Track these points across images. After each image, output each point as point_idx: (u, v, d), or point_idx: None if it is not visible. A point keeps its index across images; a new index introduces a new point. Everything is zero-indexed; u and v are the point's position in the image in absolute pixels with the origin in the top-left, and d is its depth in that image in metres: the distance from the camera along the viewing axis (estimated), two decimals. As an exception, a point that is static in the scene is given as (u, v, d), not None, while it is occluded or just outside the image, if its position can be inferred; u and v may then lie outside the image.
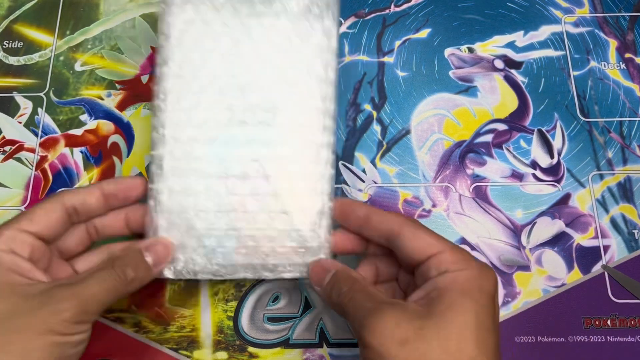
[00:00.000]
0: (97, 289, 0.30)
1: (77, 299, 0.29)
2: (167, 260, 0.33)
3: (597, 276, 0.39)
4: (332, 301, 0.32)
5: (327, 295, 0.32)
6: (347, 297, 0.30)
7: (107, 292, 0.30)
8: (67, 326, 0.28)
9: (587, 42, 0.46)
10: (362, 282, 0.31)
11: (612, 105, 0.44)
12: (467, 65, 0.46)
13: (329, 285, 0.32)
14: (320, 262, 0.34)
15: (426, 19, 0.47)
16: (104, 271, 0.30)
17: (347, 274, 0.32)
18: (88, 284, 0.29)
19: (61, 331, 0.28)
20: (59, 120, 0.44)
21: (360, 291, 0.30)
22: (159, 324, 0.39)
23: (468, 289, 0.29)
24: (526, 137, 0.43)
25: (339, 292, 0.31)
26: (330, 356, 0.38)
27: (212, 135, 0.34)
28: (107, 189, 0.34)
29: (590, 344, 0.38)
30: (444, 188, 0.42)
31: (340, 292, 0.31)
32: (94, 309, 0.29)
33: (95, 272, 0.30)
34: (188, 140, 0.34)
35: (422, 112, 0.44)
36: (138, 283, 0.31)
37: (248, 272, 0.34)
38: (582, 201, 0.41)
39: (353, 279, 0.31)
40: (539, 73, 0.45)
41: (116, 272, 0.30)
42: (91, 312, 0.29)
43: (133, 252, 0.32)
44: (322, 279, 0.32)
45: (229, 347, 0.38)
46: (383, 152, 0.43)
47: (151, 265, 0.32)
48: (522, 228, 0.41)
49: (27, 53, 0.47)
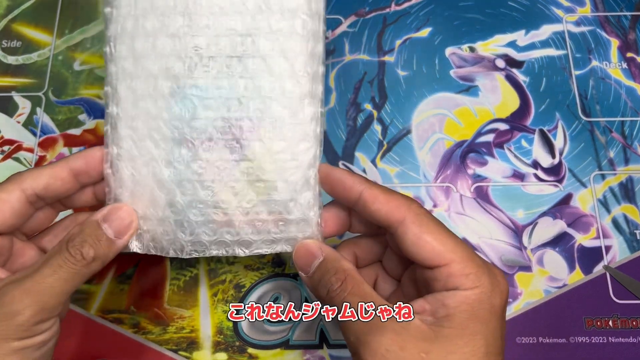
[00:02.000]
0: (53, 279, 0.26)
1: (32, 296, 0.25)
2: (131, 229, 0.29)
3: (599, 277, 0.39)
4: (320, 296, 0.28)
5: (314, 287, 0.29)
6: (340, 298, 0.27)
7: (65, 281, 0.26)
8: (26, 330, 0.25)
9: (588, 41, 0.46)
10: (356, 278, 0.28)
11: (614, 104, 0.44)
12: (468, 65, 0.45)
13: (317, 275, 0.28)
14: (305, 244, 0.29)
15: (427, 18, 0.47)
16: (59, 256, 0.26)
17: (337, 263, 0.28)
18: (43, 274, 0.26)
19: (19, 336, 0.25)
20: (58, 120, 0.44)
21: (355, 294, 0.27)
22: (158, 324, 0.38)
23: (478, 311, 0.26)
24: (527, 137, 0.43)
25: (328, 287, 0.27)
26: (331, 357, 0.38)
27: (169, 88, 0.29)
28: (75, 166, 0.29)
29: (592, 344, 0.37)
30: (445, 188, 0.42)
31: (331, 289, 0.27)
32: (53, 303, 0.26)
33: (49, 259, 0.26)
34: (142, 95, 0.29)
35: (422, 112, 0.44)
36: (101, 261, 0.27)
37: (220, 248, 0.30)
38: (583, 201, 0.41)
39: (345, 272, 0.28)
40: (541, 72, 0.45)
41: (72, 255, 0.26)
42: (51, 307, 0.26)
43: (90, 227, 0.28)
44: (308, 266, 0.29)
45: (229, 348, 0.38)
46: (384, 152, 0.43)
47: (112, 237, 0.28)
48: (523, 228, 0.41)
49: (25, 52, 0.46)
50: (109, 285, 0.39)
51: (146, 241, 0.30)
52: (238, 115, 0.29)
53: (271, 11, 0.29)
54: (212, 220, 0.30)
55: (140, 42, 0.29)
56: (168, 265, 0.40)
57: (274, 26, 0.29)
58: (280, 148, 0.29)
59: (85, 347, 0.38)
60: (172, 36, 0.29)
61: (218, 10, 0.29)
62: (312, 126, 0.30)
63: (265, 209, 0.30)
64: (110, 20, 0.30)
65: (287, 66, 0.29)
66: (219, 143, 0.29)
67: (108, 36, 0.30)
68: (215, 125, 0.29)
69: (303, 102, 0.30)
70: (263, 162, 0.29)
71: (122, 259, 0.40)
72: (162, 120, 0.29)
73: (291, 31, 0.29)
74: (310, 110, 0.30)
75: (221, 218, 0.30)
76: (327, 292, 0.27)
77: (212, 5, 0.29)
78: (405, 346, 0.25)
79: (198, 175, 0.29)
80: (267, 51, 0.29)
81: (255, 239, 0.30)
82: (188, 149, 0.29)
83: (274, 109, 0.29)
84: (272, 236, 0.30)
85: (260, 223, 0.30)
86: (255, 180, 0.29)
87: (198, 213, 0.29)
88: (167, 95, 0.29)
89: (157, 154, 0.29)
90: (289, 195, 0.29)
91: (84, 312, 0.39)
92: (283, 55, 0.29)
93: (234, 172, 0.29)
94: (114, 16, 0.30)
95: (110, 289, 0.39)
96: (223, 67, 0.29)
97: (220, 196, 0.29)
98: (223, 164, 0.29)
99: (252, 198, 0.29)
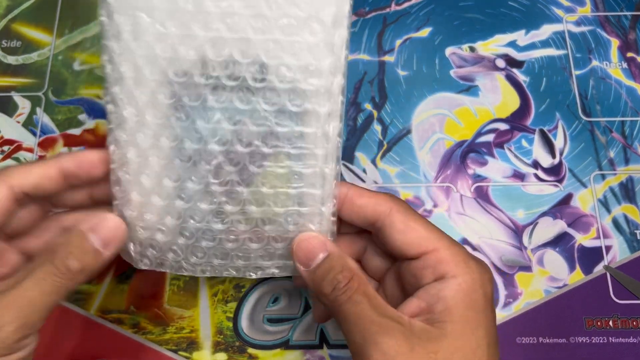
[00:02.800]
0: (36, 293, 0.24)
1: (14, 311, 0.24)
2: (120, 240, 0.28)
3: (599, 277, 0.39)
4: (323, 292, 0.27)
5: (316, 283, 0.28)
6: (346, 296, 0.26)
7: (49, 295, 0.25)
8: (6, 347, 0.24)
9: (588, 41, 0.46)
10: (362, 278, 0.27)
11: (614, 104, 0.44)
12: (468, 65, 0.45)
13: (321, 271, 0.27)
14: (309, 237, 0.28)
15: (427, 17, 0.47)
16: (42, 268, 0.25)
17: (343, 261, 0.28)
18: (25, 288, 0.24)
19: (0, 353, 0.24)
20: (58, 119, 0.44)
21: (363, 294, 0.26)
22: (158, 324, 0.38)
23: (475, 300, 0.26)
24: (528, 137, 0.43)
25: (335, 284, 0.27)
26: (331, 357, 0.38)
27: (175, 110, 0.28)
28: (66, 166, 0.28)
29: (592, 344, 0.37)
30: (445, 188, 0.42)
31: (337, 286, 0.27)
32: (35, 318, 0.24)
33: (32, 271, 0.25)
34: (145, 113, 0.27)
35: (423, 112, 0.44)
36: (86, 274, 0.26)
37: (231, 272, 0.30)
38: (583, 201, 0.41)
39: (351, 270, 0.27)
40: (541, 72, 0.45)
41: (56, 267, 0.25)
42: (33, 322, 0.24)
43: (76, 237, 0.26)
44: (310, 260, 0.28)
45: (229, 349, 0.38)
46: (384, 152, 0.43)
47: (100, 248, 0.26)
48: (523, 228, 0.41)
49: (25, 52, 0.46)
50: (108, 285, 0.39)
51: (155, 260, 0.30)
52: (250, 141, 0.28)
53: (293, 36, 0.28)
54: (224, 246, 0.29)
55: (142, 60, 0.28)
56: (168, 265, 0.40)
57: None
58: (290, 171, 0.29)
59: (85, 347, 0.38)
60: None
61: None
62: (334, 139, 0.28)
63: (277, 234, 0.29)
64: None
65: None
66: (231, 170, 0.28)
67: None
68: (227, 152, 0.28)
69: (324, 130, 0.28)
70: (275, 189, 0.29)
71: (122, 259, 0.40)
72: (169, 147, 0.28)
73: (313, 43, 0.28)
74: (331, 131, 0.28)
75: (232, 244, 0.29)
76: (333, 289, 0.27)
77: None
78: (414, 348, 0.25)
79: (209, 202, 0.28)
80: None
81: (268, 263, 0.30)
82: (199, 176, 0.28)
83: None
84: (283, 260, 0.30)
85: (272, 248, 0.29)
86: (267, 207, 0.29)
87: (210, 239, 0.29)
88: (174, 122, 0.28)
89: (166, 182, 0.28)
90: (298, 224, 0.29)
91: (84, 312, 0.39)
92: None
93: (246, 197, 0.29)
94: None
95: (110, 289, 0.39)
96: (237, 91, 0.28)
97: (232, 224, 0.29)
98: (235, 192, 0.28)
99: (264, 223, 0.29)
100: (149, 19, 0.26)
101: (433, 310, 0.26)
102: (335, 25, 0.27)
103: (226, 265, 0.30)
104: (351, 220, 0.29)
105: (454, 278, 0.26)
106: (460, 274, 0.26)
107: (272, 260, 0.30)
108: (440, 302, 0.26)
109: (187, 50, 0.27)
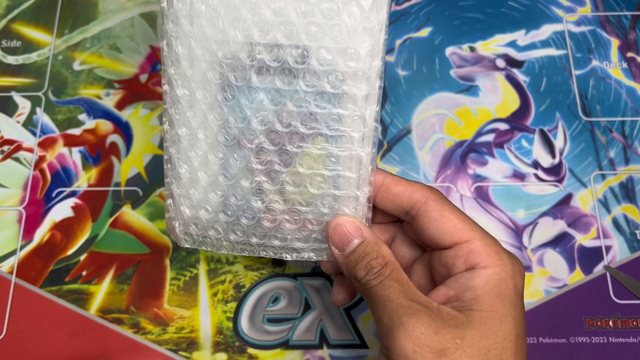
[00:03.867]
0: None
1: None
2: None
3: (599, 277, 0.39)
4: (357, 276, 0.28)
5: (349, 267, 0.28)
6: (378, 281, 0.27)
7: None
8: None
9: (589, 41, 0.46)
10: (396, 265, 0.28)
11: (614, 104, 0.44)
12: (468, 65, 0.45)
13: (355, 255, 0.28)
14: (346, 221, 0.29)
15: (427, 17, 0.47)
16: None
17: (378, 246, 0.28)
18: None
19: None
20: (58, 119, 0.44)
21: (395, 279, 0.27)
22: (158, 325, 0.38)
23: (505, 291, 0.26)
24: (528, 137, 0.43)
25: (369, 269, 0.27)
26: (331, 357, 0.38)
27: (222, 93, 0.29)
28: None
29: (592, 344, 0.37)
30: (445, 188, 0.42)
31: (371, 272, 0.27)
32: None
33: None
34: (197, 99, 0.29)
35: (423, 112, 0.44)
36: None
37: (268, 252, 0.31)
38: (584, 201, 0.41)
39: (385, 257, 0.28)
40: (541, 72, 0.45)
41: None
42: None
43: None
44: (345, 244, 0.28)
45: (229, 349, 0.38)
46: (384, 152, 0.43)
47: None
48: (523, 228, 0.41)
49: (25, 52, 0.46)
50: (108, 285, 0.39)
51: (197, 238, 0.32)
52: (289, 122, 0.29)
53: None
54: (262, 225, 0.30)
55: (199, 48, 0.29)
56: (168, 266, 0.40)
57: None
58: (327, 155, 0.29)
59: (85, 347, 0.37)
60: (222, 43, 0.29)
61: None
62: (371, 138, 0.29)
63: (313, 217, 0.30)
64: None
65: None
66: (271, 149, 0.29)
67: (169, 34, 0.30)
68: (268, 132, 0.29)
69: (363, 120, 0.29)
70: (312, 170, 0.29)
71: (122, 259, 0.40)
72: (216, 125, 0.30)
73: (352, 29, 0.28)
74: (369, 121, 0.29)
75: (270, 224, 0.30)
76: (367, 273, 0.27)
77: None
78: (439, 331, 0.25)
79: (250, 181, 0.30)
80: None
81: (303, 246, 0.31)
82: (241, 155, 0.30)
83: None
84: (318, 244, 0.31)
85: (308, 231, 0.30)
86: (303, 188, 0.30)
87: (250, 217, 0.30)
88: (221, 101, 0.29)
89: (211, 158, 0.30)
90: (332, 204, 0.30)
91: (84, 312, 0.39)
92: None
93: (284, 178, 0.30)
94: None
95: (109, 289, 0.39)
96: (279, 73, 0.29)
97: (271, 202, 0.30)
98: (274, 171, 0.30)
99: (301, 204, 0.30)
100: (203, 5, 0.28)
101: (461, 298, 0.26)
102: (374, 9, 0.27)
103: (263, 245, 0.31)
104: (386, 208, 0.30)
105: (484, 269, 0.26)
106: (491, 265, 0.26)
107: (308, 243, 0.31)
108: (469, 290, 0.26)
109: (235, 33, 0.28)
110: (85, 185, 0.42)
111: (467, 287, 0.26)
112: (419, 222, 0.29)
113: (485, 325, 0.25)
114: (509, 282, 0.26)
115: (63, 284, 0.39)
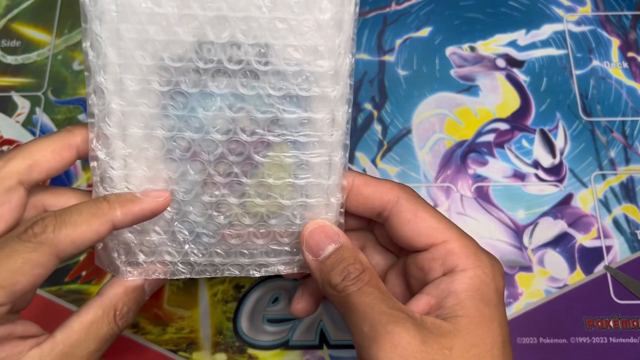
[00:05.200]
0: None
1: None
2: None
3: (600, 277, 0.39)
4: (332, 282, 0.26)
5: (324, 273, 0.26)
6: (357, 287, 0.25)
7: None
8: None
9: (589, 41, 0.46)
10: (373, 272, 0.26)
11: (615, 104, 0.44)
12: (468, 64, 0.45)
13: (331, 261, 0.26)
14: (322, 226, 0.27)
15: (427, 17, 0.47)
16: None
17: (355, 253, 0.26)
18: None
19: None
20: (57, 119, 0.44)
21: (375, 286, 0.25)
22: (158, 325, 0.38)
23: (488, 294, 0.25)
24: (528, 137, 0.43)
25: (345, 275, 0.25)
26: (331, 358, 0.38)
27: (172, 97, 0.26)
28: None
29: (593, 345, 0.37)
30: (446, 188, 0.42)
31: (348, 277, 0.25)
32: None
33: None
34: (135, 108, 0.25)
35: (423, 112, 0.44)
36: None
37: (234, 270, 0.28)
38: (584, 201, 0.41)
39: (362, 263, 0.26)
40: (541, 72, 0.45)
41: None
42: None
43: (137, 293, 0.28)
44: (320, 249, 0.27)
45: (228, 349, 0.38)
46: (384, 152, 0.43)
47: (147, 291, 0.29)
48: (524, 228, 0.41)
49: (25, 52, 0.46)
50: (108, 285, 0.39)
51: (146, 267, 0.28)
52: (253, 130, 0.26)
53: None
54: (226, 242, 0.28)
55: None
56: (168, 266, 0.40)
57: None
58: (293, 161, 0.27)
59: (84, 347, 0.37)
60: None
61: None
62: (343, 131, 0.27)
63: (283, 229, 0.28)
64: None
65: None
66: (233, 160, 0.27)
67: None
68: (229, 142, 0.26)
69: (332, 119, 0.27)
70: (281, 180, 0.27)
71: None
72: (165, 138, 0.26)
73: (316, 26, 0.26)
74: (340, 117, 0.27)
75: (236, 240, 0.28)
76: (344, 279, 0.25)
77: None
78: (426, 341, 0.23)
79: (210, 196, 0.27)
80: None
81: (272, 260, 0.29)
82: (199, 168, 0.27)
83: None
84: (289, 256, 0.28)
85: (277, 243, 0.28)
86: (272, 199, 0.27)
87: (211, 235, 0.28)
88: (170, 111, 0.26)
89: (165, 175, 0.27)
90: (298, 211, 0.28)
91: (84, 312, 0.38)
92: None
93: (249, 190, 0.27)
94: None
95: (109, 289, 0.39)
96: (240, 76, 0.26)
97: (235, 217, 0.27)
98: (237, 183, 0.27)
99: (266, 218, 0.28)
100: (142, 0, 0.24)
101: (444, 305, 0.25)
102: (345, 1, 0.25)
103: (228, 264, 0.28)
104: (357, 211, 0.28)
105: (464, 271, 0.25)
106: (471, 266, 0.25)
107: (278, 256, 0.29)
108: (451, 296, 0.25)
109: (184, 32, 0.24)
110: (84, 185, 0.42)
111: (448, 293, 0.25)
112: (392, 224, 0.27)
113: (473, 332, 0.24)
114: (491, 284, 0.25)
115: (62, 284, 0.39)
